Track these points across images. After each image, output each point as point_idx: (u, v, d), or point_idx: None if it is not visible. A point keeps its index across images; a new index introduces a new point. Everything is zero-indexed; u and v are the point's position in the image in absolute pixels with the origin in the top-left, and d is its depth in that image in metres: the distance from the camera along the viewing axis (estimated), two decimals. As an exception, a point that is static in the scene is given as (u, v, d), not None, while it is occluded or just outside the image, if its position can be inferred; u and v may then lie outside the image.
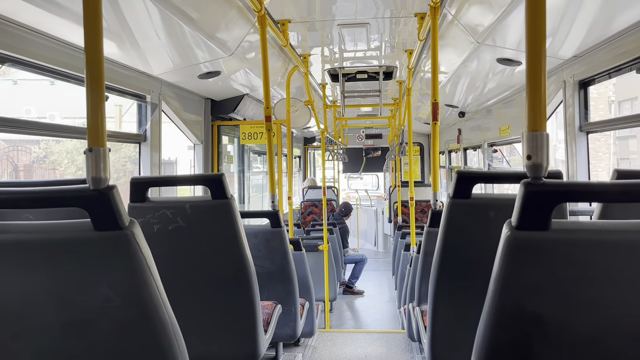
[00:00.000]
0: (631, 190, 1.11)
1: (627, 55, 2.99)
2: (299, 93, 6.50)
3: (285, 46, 4.17)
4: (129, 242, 1.27)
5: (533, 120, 1.14)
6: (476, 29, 3.60)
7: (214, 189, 2.19)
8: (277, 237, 3.21)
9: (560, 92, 3.84)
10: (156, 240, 2.22)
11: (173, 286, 2.25)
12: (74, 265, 1.30)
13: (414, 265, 3.80)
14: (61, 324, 1.35)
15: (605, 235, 1.08)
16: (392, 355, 4.68)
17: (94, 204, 1.24)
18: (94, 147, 1.25)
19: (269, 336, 2.71)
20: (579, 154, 3.67)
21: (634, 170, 1.99)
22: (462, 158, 8.39)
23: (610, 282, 1.08)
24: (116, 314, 1.32)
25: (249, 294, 2.28)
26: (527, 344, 1.14)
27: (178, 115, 4.81)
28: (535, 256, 1.10)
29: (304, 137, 13.29)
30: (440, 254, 2.05)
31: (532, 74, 1.15)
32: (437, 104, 3.30)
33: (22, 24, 2.66)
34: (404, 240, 6.14)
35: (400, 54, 5.46)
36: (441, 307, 2.10)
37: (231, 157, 6.86)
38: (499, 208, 1.97)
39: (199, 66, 4.24)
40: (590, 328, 1.11)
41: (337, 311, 7.27)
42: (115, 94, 3.79)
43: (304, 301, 3.92)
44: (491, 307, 1.15)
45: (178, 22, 3.15)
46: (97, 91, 1.27)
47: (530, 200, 1.09)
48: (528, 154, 1.13)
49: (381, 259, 11.77)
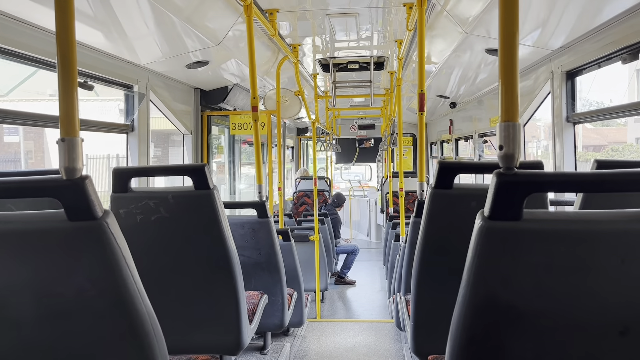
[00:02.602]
0: (604, 180, 1.11)
1: (614, 46, 2.99)
2: (291, 83, 6.47)
3: (273, 36, 4.14)
4: (103, 232, 1.27)
5: (506, 110, 1.14)
6: (465, 20, 3.59)
7: (196, 179, 2.18)
8: (264, 228, 3.21)
9: (549, 82, 3.84)
10: (139, 231, 2.22)
11: (155, 276, 2.26)
12: (49, 256, 1.30)
13: (402, 255, 3.81)
14: (37, 315, 1.35)
15: (577, 225, 1.09)
16: (381, 344, 4.71)
17: (67, 194, 1.24)
18: (66, 137, 1.24)
19: (254, 326, 2.72)
20: (566, 145, 3.68)
21: (613, 160, 2.00)
22: (453, 149, 8.40)
23: (582, 272, 1.09)
24: (92, 304, 1.32)
25: (232, 284, 2.28)
26: (500, 334, 1.15)
27: (166, 105, 4.78)
28: (508, 246, 1.11)
29: (297, 128, 13.26)
30: (422, 243, 2.06)
31: (505, 65, 1.14)
32: (423, 95, 3.30)
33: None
34: (395, 231, 6.15)
35: (391, 44, 5.44)
36: (423, 296, 2.11)
37: (221, 148, 6.84)
38: (481, 198, 1.95)
39: (187, 55, 4.21)
40: (562, 317, 1.12)
41: (329, 301, 7.30)
42: (101, 83, 3.76)
43: (292, 291, 3.93)
44: (464, 297, 1.15)
45: (165, 10, 3.12)
46: (69, 78, 1.25)
47: (502, 191, 1.09)
48: (500, 144, 1.13)
49: (373, 249, 11.81)
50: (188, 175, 2.22)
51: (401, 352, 4.45)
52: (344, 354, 4.48)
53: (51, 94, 8.55)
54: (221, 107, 5.94)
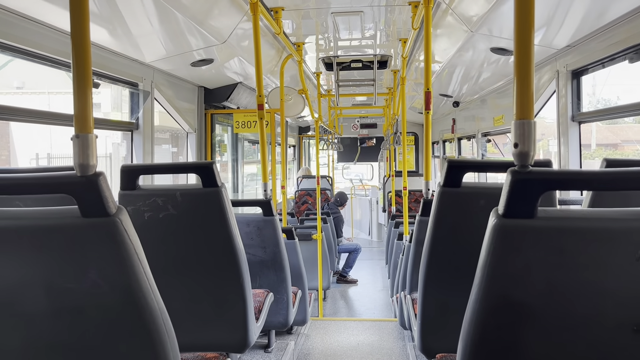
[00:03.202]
0: (616, 178, 1.11)
1: (620, 45, 2.99)
2: (294, 82, 6.47)
3: (278, 34, 4.14)
4: (116, 229, 1.27)
5: (521, 108, 1.14)
6: (470, 18, 3.59)
7: (204, 177, 2.18)
8: (270, 226, 3.22)
9: (554, 81, 3.84)
10: (147, 228, 2.22)
11: (163, 273, 2.26)
12: (62, 252, 1.30)
13: (406, 253, 3.81)
14: (50, 311, 1.35)
15: (591, 223, 1.09)
16: (384, 343, 4.71)
17: (81, 191, 1.24)
18: (80, 134, 1.24)
19: (260, 324, 2.73)
20: (571, 144, 3.68)
21: (623, 160, 2.00)
22: (456, 148, 8.40)
23: (595, 270, 1.09)
24: (104, 301, 1.33)
25: (239, 282, 2.28)
26: (513, 331, 1.15)
27: (171, 104, 4.78)
28: (522, 244, 1.11)
29: (299, 127, 13.26)
30: (430, 242, 2.06)
31: (520, 62, 1.14)
32: (429, 93, 3.30)
33: (7, 7, 2.62)
34: (397, 230, 6.15)
35: (394, 43, 5.44)
36: (431, 295, 2.11)
37: (224, 146, 6.85)
38: (490, 196, 1.97)
39: (191, 54, 4.21)
40: (575, 315, 1.12)
41: (331, 300, 7.31)
42: (107, 81, 3.76)
43: (297, 289, 3.94)
44: (478, 295, 1.15)
45: (170, 8, 3.12)
46: (83, 76, 1.26)
47: (517, 188, 1.09)
48: (515, 142, 1.13)
49: (375, 248, 11.82)
50: (196, 172, 2.22)
51: (405, 351, 4.46)
52: (348, 353, 4.49)
53: (18, 86, 8.28)
54: (225, 105, 5.95)
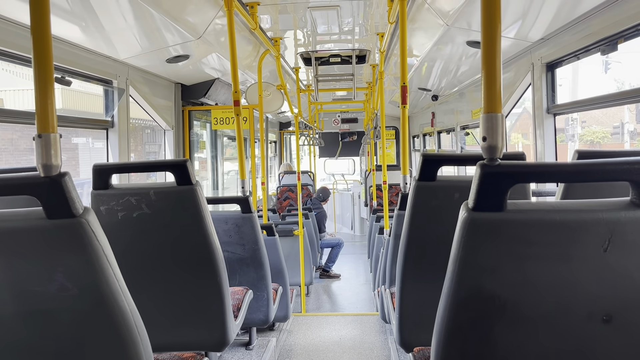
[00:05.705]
0: (582, 170, 1.12)
1: (593, 37, 3.02)
2: (273, 77, 6.43)
3: (255, 29, 4.10)
4: (83, 230, 1.24)
5: (488, 102, 1.14)
6: (446, 12, 3.59)
7: (178, 174, 2.16)
8: (248, 223, 3.19)
9: (529, 74, 3.87)
10: (121, 228, 2.19)
11: (138, 273, 2.23)
12: (28, 255, 1.27)
13: (386, 247, 3.83)
14: (17, 314, 1.32)
15: (559, 215, 1.09)
16: (366, 337, 4.73)
17: (44, 192, 1.21)
18: (43, 133, 1.21)
19: (239, 322, 2.71)
20: (546, 135, 3.72)
21: (594, 151, 2.02)
22: (436, 141, 8.45)
23: (565, 261, 1.10)
24: (73, 303, 1.30)
25: (216, 280, 2.27)
26: (485, 324, 1.16)
27: (147, 101, 4.71)
28: (491, 237, 1.11)
29: (280, 122, 13.20)
30: (406, 236, 2.07)
31: (487, 56, 1.14)
32: (405, 87, 3.30)
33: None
34: (379, 224, 6.17)
35: (372, 37, 5.43)
36: (408, 288, 2.12)
37: (203, 143, 6.78)
38: (464, 190, 1.98)
39: (167, 50, 4.15)
40: (546, 307, 1.13)
41: (314, 295, 7.31)
42: (79, 79, 3.69)
43: (277, 286, 3.92)
44: (449, 288, 1.16)
45: (143, 3, 3.06)
46: (45, 73, 1.23)
47: (486, 182, 1.10)
48: (484, 135, 1.14)
49: (358, 242, 11.85)
50: (170, 171, 2.19)
51: (386, 345, 4.48)
52: (330, 348, 4.49)
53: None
54: (202, 102, 5.88)
